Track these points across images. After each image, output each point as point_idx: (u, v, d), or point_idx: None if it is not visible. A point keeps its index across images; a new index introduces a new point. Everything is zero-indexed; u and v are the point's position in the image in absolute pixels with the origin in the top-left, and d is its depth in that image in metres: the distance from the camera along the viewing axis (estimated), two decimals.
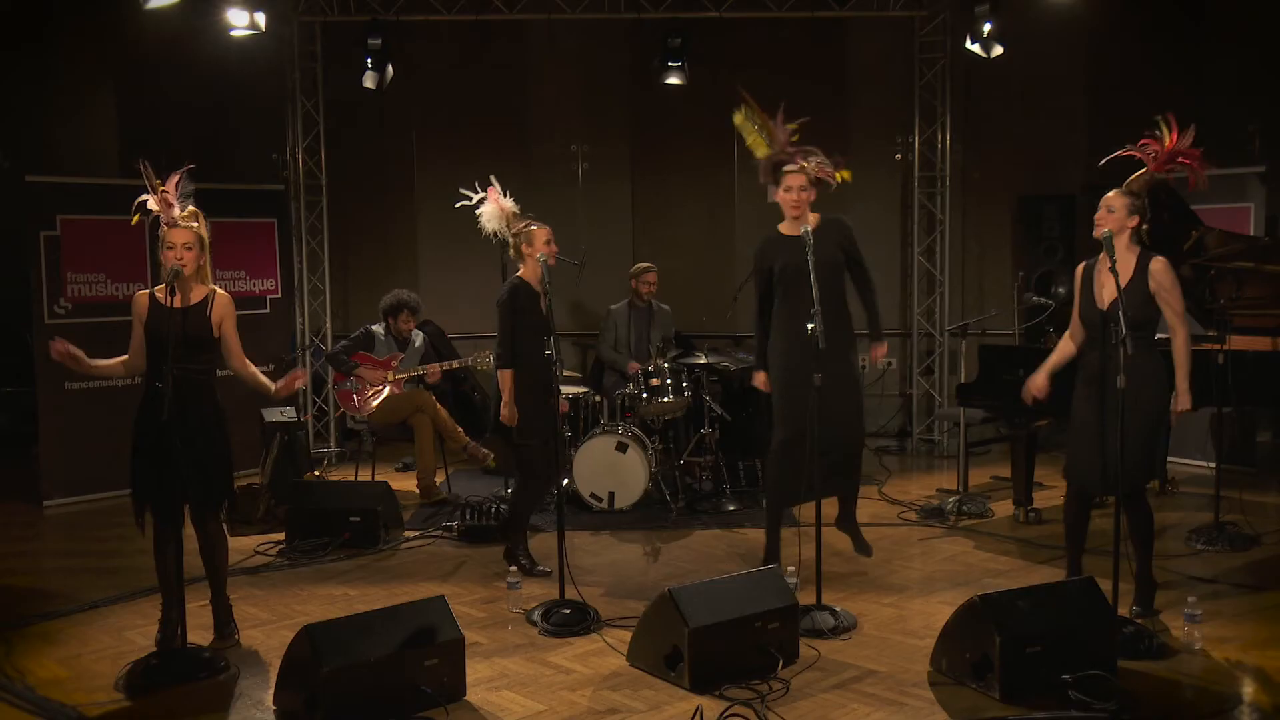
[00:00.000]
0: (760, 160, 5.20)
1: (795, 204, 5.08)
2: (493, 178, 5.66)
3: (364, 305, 9.10)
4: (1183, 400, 4.67)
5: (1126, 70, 8.48)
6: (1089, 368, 4.73)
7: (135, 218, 4.51)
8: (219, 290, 4.59)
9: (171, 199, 4.45)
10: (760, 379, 5.38)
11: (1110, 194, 4.63)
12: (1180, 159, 4.70)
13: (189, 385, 4.37)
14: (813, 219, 5.13)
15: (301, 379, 4.94)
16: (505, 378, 5.44)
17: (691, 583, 4.39)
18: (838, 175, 5.14)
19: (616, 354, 7.69)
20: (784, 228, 5.23)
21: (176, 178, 4.49)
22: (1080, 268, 4.83)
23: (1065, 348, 4.94)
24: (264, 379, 4.64)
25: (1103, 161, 4.79)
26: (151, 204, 4.46)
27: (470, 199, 5.65)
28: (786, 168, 5.09)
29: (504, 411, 5.43)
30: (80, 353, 4.43)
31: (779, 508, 5.40)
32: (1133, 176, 4.70)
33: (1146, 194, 4.68)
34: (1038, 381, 4.96)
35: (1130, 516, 4.68)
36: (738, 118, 5.23)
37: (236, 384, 4.74)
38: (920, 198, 9.30)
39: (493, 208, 5.57)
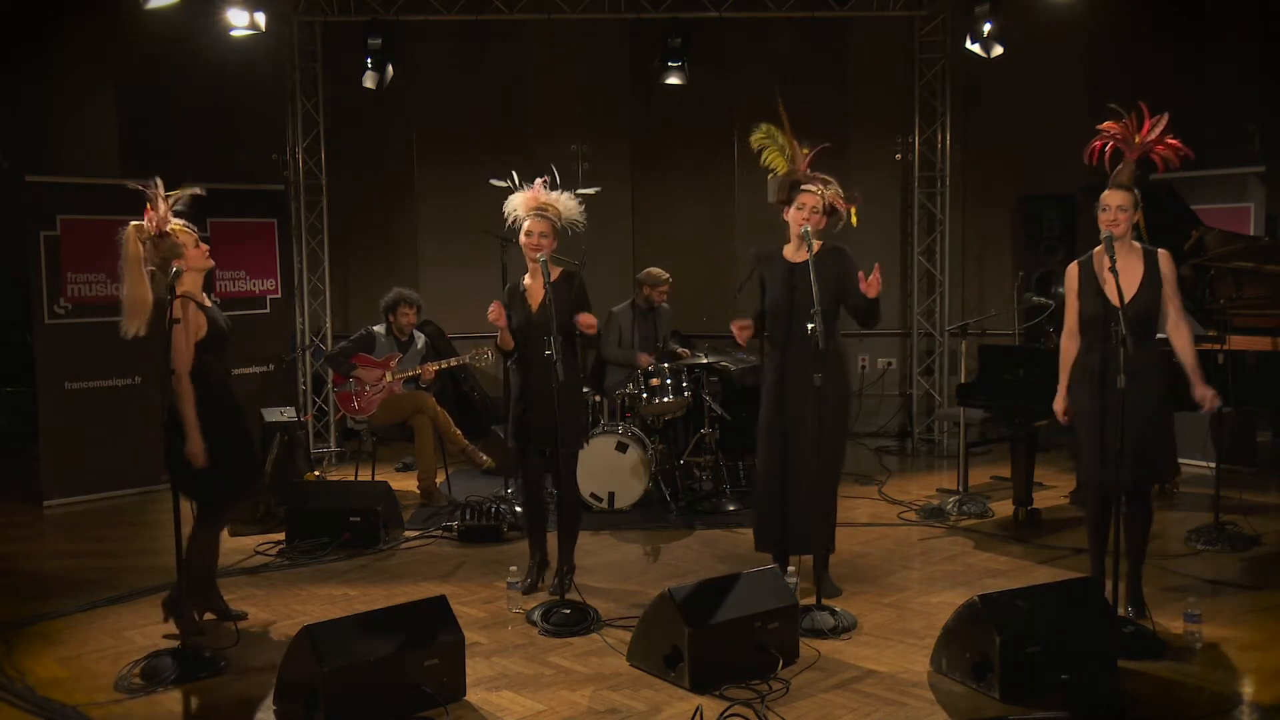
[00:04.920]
0: (778, 177, 5.09)
1: (804, 222, 4.92)
2: (555, 176, 5.43)
3: (364, 305, 9.10)
4: (1211, 394, 4.64)
5: (1126, 70, 8.48)
6: (1102, 371, 4.61)
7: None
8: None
9: (156, 219, 4.45)
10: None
11: (1114, 194, 4.55)
12: (1158, 147, 4.66)
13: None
14: (814, 245, 4.99)
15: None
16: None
17: (691, 583, 4.39)
18: (852, 210, 5.06)
19: (622, 351, 7.66)
20: (788, 251, 5.11)
21: (172, 200, 4.51)
22: (1075, 267, 4.75)
23: (1071, 352, 4.80)
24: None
25: (1085, 158, 4.77)
26: (146, 218, 4.49)
27: (505, 183, 5.43)
28: (804, 187, 4.98)
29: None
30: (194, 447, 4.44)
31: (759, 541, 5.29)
32: (1118, 170, 4.64)
33: (1136, 186, 4.67)
34: (1062, 406, 4.80)
35: (1140, 512, 4.68)
36: (757, 135, 5.12)
37: (242, 383, 4.75)
38: (920, 198, 9.30)
39: (521, 196, 5.34)
